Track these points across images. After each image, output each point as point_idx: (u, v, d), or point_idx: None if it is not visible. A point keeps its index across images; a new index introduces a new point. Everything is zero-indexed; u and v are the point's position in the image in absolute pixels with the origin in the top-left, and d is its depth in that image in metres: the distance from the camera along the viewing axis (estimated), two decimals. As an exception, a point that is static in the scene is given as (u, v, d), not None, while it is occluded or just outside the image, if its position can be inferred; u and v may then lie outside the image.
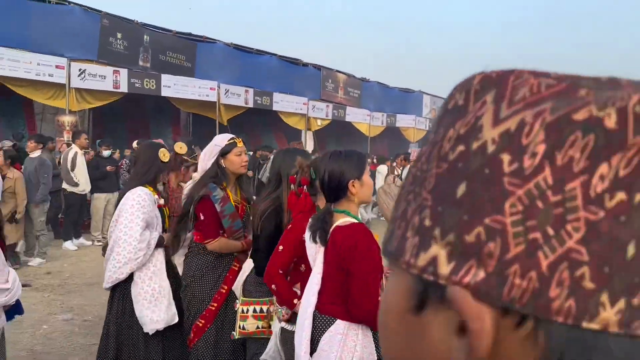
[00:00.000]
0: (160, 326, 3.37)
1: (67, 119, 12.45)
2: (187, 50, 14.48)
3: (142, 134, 14.17)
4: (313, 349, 2.37)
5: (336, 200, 2.41)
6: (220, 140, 3.49)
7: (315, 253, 2.47)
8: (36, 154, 8.04)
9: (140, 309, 3.36)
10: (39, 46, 11.27)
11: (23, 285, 6.48)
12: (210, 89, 14.53)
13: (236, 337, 3.12)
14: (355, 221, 2.37)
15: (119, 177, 9.79)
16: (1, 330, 3.19)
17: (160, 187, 3.67)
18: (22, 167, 7.85)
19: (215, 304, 3.36)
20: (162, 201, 3.57)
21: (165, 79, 13.61)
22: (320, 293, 2.41)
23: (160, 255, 3.52)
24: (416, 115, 23.52)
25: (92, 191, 9.32)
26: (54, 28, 11.56)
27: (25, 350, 4.65)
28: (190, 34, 14.69)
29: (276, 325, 2.84)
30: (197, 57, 14.61)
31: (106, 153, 9.84)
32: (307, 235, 2.51)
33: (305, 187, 2.70)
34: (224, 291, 3.38)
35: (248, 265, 3.16)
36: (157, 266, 3.48)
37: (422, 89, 24.74)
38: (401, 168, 13.93)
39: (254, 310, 3.06)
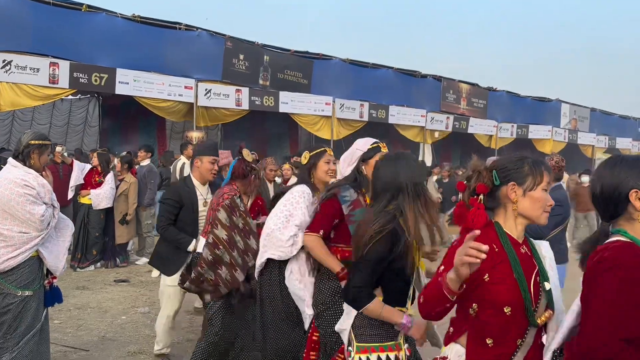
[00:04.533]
0: None
1: (194, 135, 13.71)
2: (304, 68, 15.11)
3: (263, 147, 15.10)
4: None
5: (612, 218, 1.84)
6: (363, 144, 3.19)
7: None
8: (146, 162, 8.99)
9: None
10: (170, 69, 12.57)
11: (122, 281, 7.29)
12: (326, 104, 15.01)
13: None
14: (628, 240, 1.74)
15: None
16: (44, 313, 3.70)
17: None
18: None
19: None
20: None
21: (283, 96, 14.36)
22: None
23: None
24: (553, 125, 21.92)
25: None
26: (183, 52, 12.78)
27: (98, 336, 5.24)
28: (307, 52, 15.32)
29: None
30: (313, 74, 15.18)
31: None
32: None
33: (481, 196, 2.02)
34: None
35: None
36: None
37: (560, 97, 22.99)
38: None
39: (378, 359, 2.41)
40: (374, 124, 16.00)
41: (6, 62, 10.39)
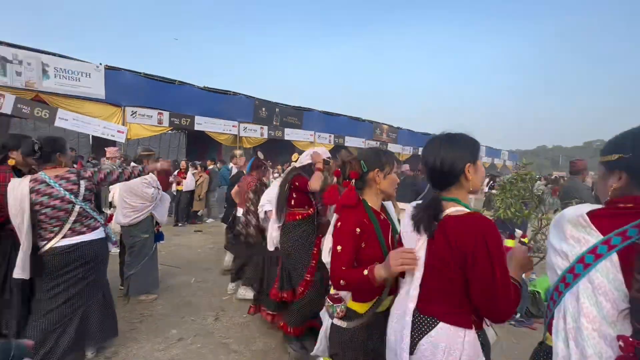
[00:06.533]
0: None
1: (238, 152, 19.35)
2: (297, 115, 21.93)
3: (274, 158, 17.91)
4: (411, 350, 2.03)
5: (444, 188, 2.10)
6: (324, 152, 4.30)
7: (417, 245, 2.09)
8: (211, 167, 13.60)
9: None
10: (225, 115, 18.44)
11: (198, 231, 11.63)
12: (310, 135, 22.50)
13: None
14: (468, 210, 2.02)
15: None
16: (154, 246, 5.46)
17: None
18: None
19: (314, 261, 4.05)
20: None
21: (287, 130, 21.34)
22: (421, 288, 2.05)
23: None
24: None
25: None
26: (231, 106, 18.79)
27: (186, 259, 7.70)
28: (300, 107, 21.48)
29: (325, 321, 2.68)
30: (303, 118, 22.12)
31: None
32: (406, 225, 2.17)
33: (353, 180, 2.53)
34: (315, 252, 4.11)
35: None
36: None
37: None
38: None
39: None
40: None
41: (134, 112, 14.71)
